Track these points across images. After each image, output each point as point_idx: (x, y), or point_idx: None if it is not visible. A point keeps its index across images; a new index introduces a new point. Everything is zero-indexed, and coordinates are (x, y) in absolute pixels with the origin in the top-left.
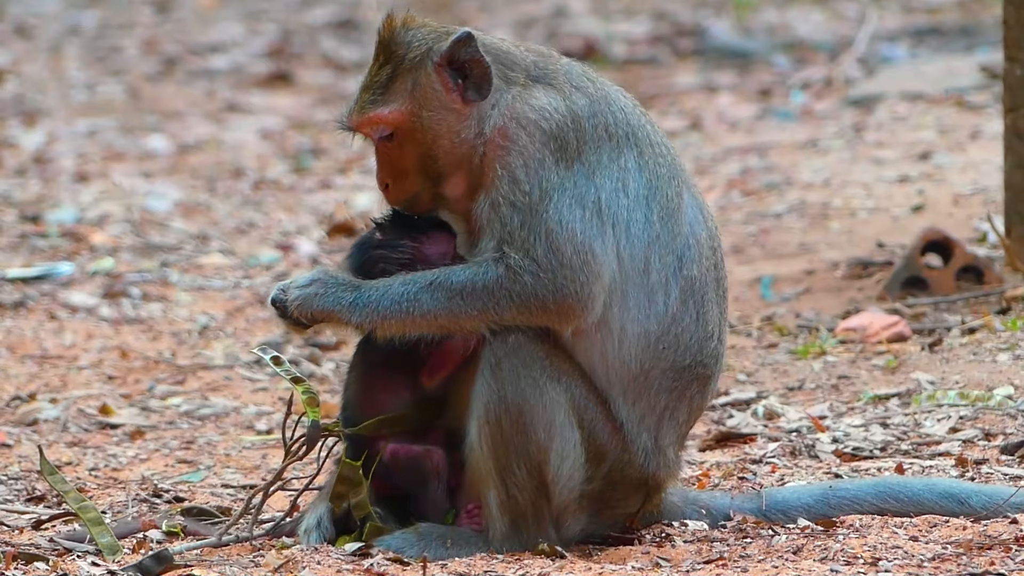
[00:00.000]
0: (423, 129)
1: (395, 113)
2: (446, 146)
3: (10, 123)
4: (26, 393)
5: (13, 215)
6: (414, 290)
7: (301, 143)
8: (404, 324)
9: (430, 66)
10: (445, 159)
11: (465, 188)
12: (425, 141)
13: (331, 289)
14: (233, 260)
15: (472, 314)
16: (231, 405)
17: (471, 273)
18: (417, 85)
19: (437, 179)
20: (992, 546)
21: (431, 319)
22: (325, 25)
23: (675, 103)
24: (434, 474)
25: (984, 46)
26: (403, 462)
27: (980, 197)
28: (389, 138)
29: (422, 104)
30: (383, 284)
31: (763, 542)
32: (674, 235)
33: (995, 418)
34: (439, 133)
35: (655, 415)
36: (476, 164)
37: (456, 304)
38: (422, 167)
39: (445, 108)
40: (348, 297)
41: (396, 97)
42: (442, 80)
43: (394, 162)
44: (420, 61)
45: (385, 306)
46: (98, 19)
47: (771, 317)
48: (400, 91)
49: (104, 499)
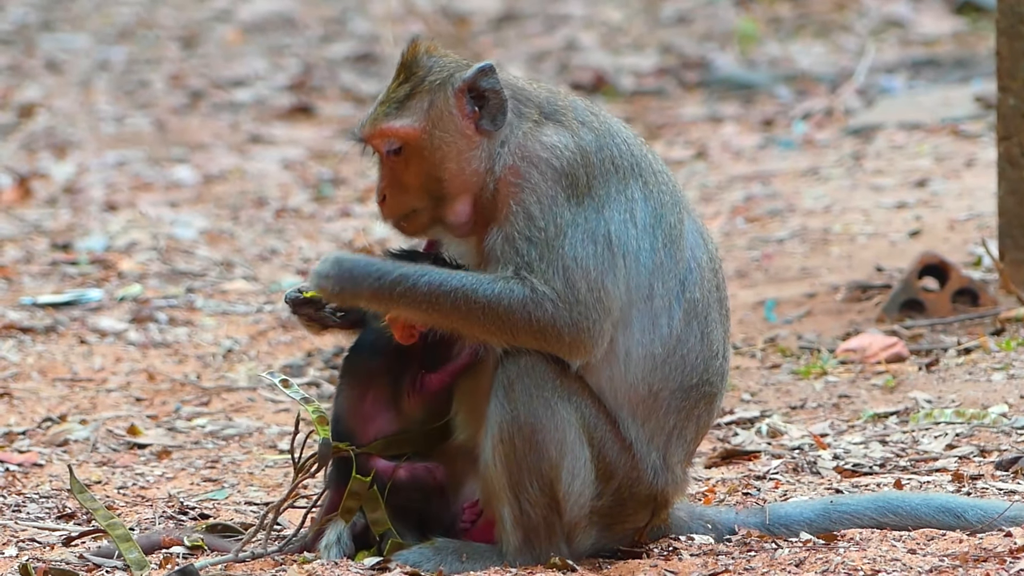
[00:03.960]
0: (432, 148)
1: (407, 128)
2: (452, 169)
3: (42, 155)
4: (57, 415)
5: (44, 243)
6: (438, 290)
7: (322, 173)
8: (419, 316)
9: (450, 90)
10: (448, 182)
11: (475, 219)
12: (432, 161)
13: (356, 264)
14: (256, 286)
15: (488, 329)
16: (254, 425)
17: (499, 289)
18: (434, 106)
19: (437, 200)
20: (987, 558)
21: (448, 320)
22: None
23: (681, 133)
24: (437, 491)
25: (979, 77)
26: (405, 481)
27: (975, 222)
28: (397, 152)
29: (435, 124)
30: (411, 272)
31: (767, 555)
32: (676, 260)
33: (990, 435)
34: (447, 155)
35: (664, 434)
36: (488, 199)
37: (476, 315)
38: (424, 186)
39: (457, 132)
40: (375, 270)
41: (411, 113)
42: (459, 105)
43: (398, 177)
44: (440, 85)
45: (406, 294)
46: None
47: (774, 339)
48: (416, 109)
49: (132, 516)
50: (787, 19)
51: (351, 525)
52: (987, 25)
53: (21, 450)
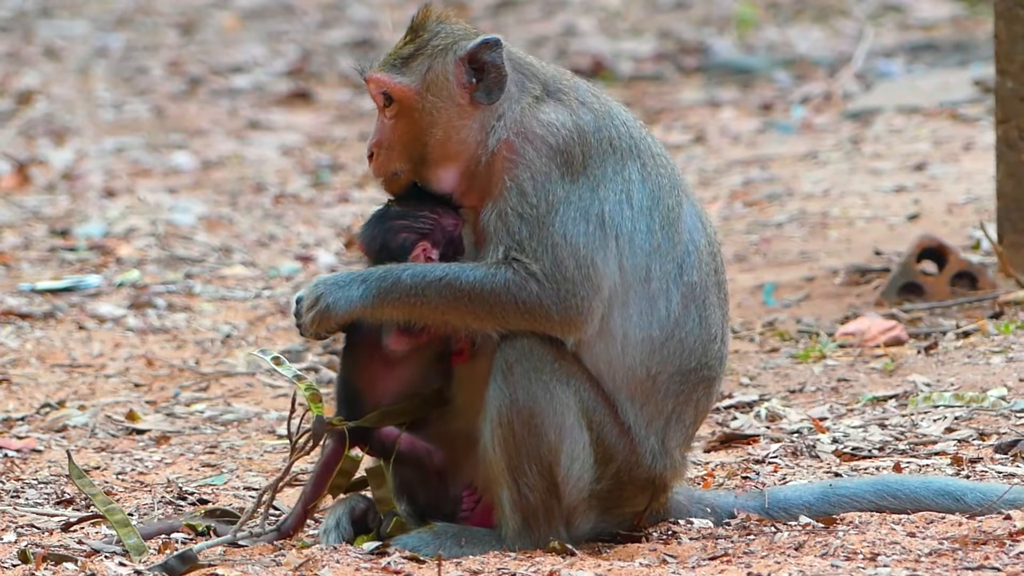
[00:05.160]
0: (422, 111)
1: (402, 86)
2: (439, 135)
3: (40, 141)
4: (56, 400)
5: (43, 230)
6: (423, 284)
7: (320, 159)
8: (410, 315)
9: (451, 57)
10: (433, 148)
11: (467, 191)
12: (420, 124)
13: (337, 292)
14: (255, 271)
15: (478, 315)
16: (253, 411)
17: (481, 275)
18: (432, 70)
19: (420, 163)
20: (987, 541)
21: (437, 315)
22: (343, 45)
23: (680, 118)
24: (433, 474)
25: (977, 61)
26: (408, 454)
27: (973, 206)
28: (391, 107)
29: (429, 88)
30: (391, 274)
31: (766, 539)
32: (674, 243)
33: (989, 418)
34: (435, 121)
35: (663, 418)
36: (482, 172)
37: (463, 304)
38: (410, 147)
39: (450, 99)
40: (356, 292)
41: (409, 73)
42: (457, 73)
43: (388, 134)
44: (443, 50)
45: (394, 297)
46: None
47: (773, 323)
48: (414, 69)
49: (131, 502)
50: (785, 3)
51: (350, 509)
52: (985, 9)
53: (20, 436)
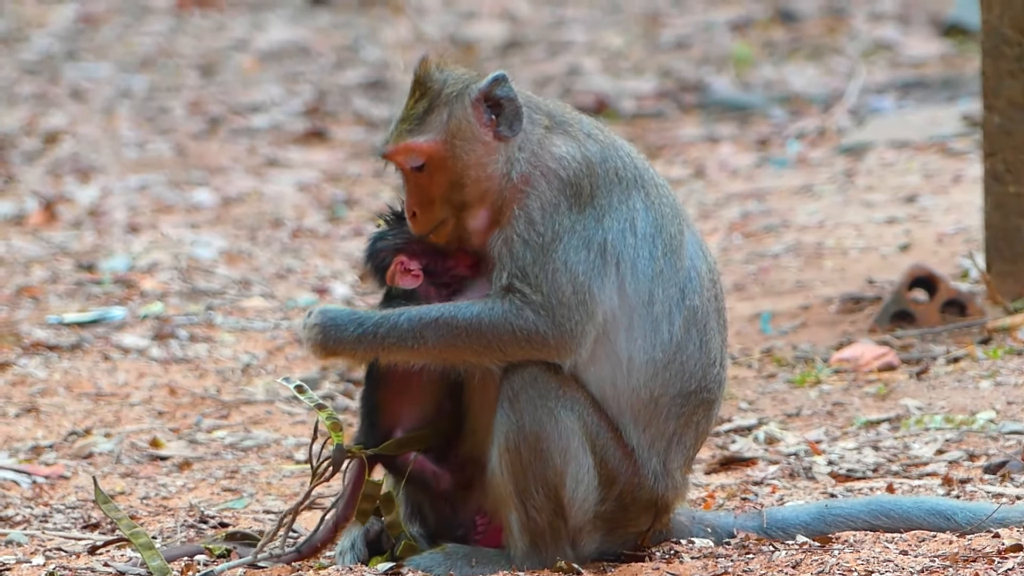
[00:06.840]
0: (454, 159)
1: (429, 143)
2: (473, 177)
3: (67, 179)
4: (82, 428)
5: (70, 264)
6: (419, 326)
7: (335, 194)
8: (409, 357)
9: (467, 100)
10: (471, 190)
11: (486, 223)
12: (455, 171)
13: (340, 313)
14: (273, 303)
15: (476, 350)
16: (272, 437)
17: (478, 310)
18: (452, 117)
19: (461, 209)
20: (976, 559)
21: (435, 354)
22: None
23: (680, 153)
24: (439, 496)
25: (965, 96)
26: (417, 476)
27: (962, 236)
28: (420, 168)
29: (455, 135)
30: (390, 312)
31: (764, 558)
32: (676, 269)
33: (978, 440)
34: (468, 164)
35: (664, 440)
36: (498, 203)
37: (461, 341)
38: (449, 197)
39: (477, 140)
40: (351, 332)
41: (431, 128)
42: (477, 114)
43: (423, 191)
44: (457, 96)
45: (391, 341)
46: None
47: (770, 349)
48: (435, 123)
49: (155, 526)
50: (781, 43)
51: (364, 531)
52: (973, 47)
53: (48, 463)
